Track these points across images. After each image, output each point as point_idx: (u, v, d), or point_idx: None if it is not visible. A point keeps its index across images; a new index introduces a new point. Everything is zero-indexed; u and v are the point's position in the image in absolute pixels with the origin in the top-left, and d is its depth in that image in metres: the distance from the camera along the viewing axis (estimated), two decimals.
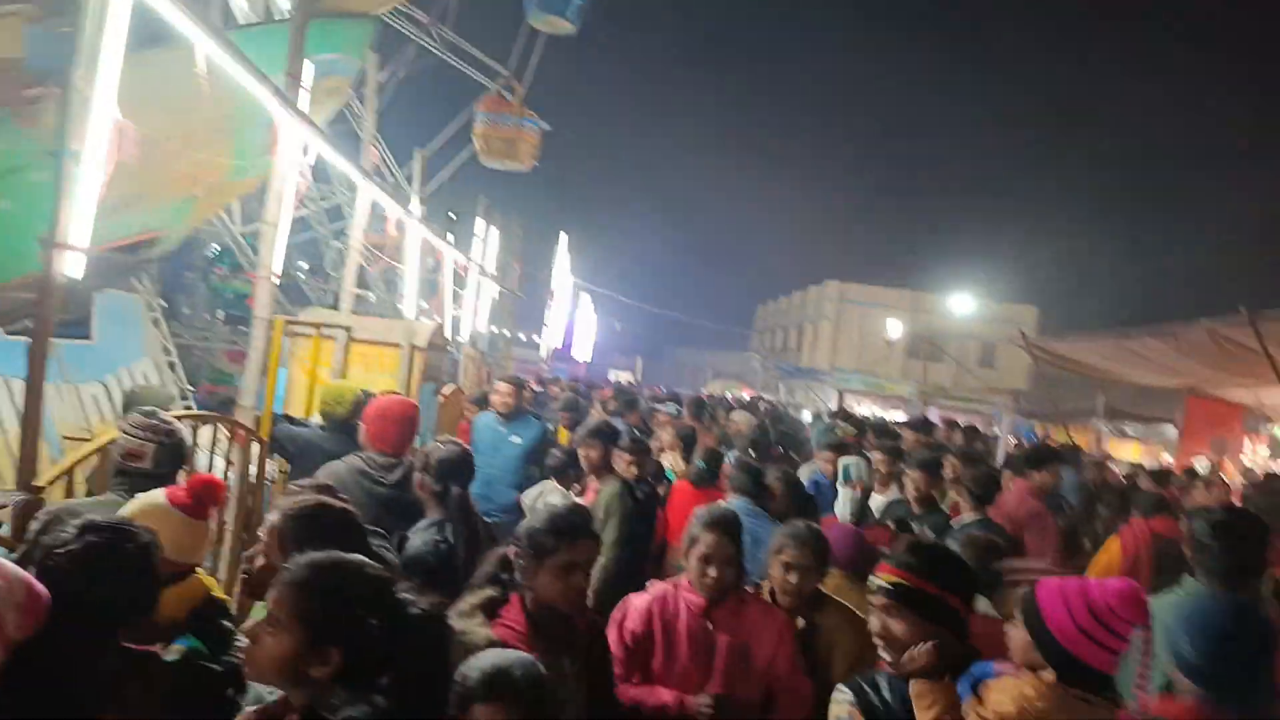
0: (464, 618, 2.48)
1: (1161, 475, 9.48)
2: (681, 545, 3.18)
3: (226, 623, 2.41)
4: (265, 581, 2.08)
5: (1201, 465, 12.04)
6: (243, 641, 1.82)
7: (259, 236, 4.76)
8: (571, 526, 2.58)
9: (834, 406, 18.17)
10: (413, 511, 3.66)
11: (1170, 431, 13.87)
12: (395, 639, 1.73)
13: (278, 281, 4.73)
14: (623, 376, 31.77)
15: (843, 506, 5.60)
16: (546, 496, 5.41)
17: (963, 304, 26.91)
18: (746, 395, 24.67)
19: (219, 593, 2.50)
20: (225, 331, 19.88)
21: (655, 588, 3.11)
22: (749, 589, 3.24)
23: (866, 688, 2.22)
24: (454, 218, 11.31)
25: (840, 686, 2.29)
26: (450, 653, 1.95)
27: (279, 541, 2.27)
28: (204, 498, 2.41)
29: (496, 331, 16.06)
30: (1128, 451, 16.12)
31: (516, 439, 5.98)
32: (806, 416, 15.94)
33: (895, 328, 29.15)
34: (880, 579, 2.23)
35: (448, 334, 9.70)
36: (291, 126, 4.71)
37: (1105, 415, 14.54)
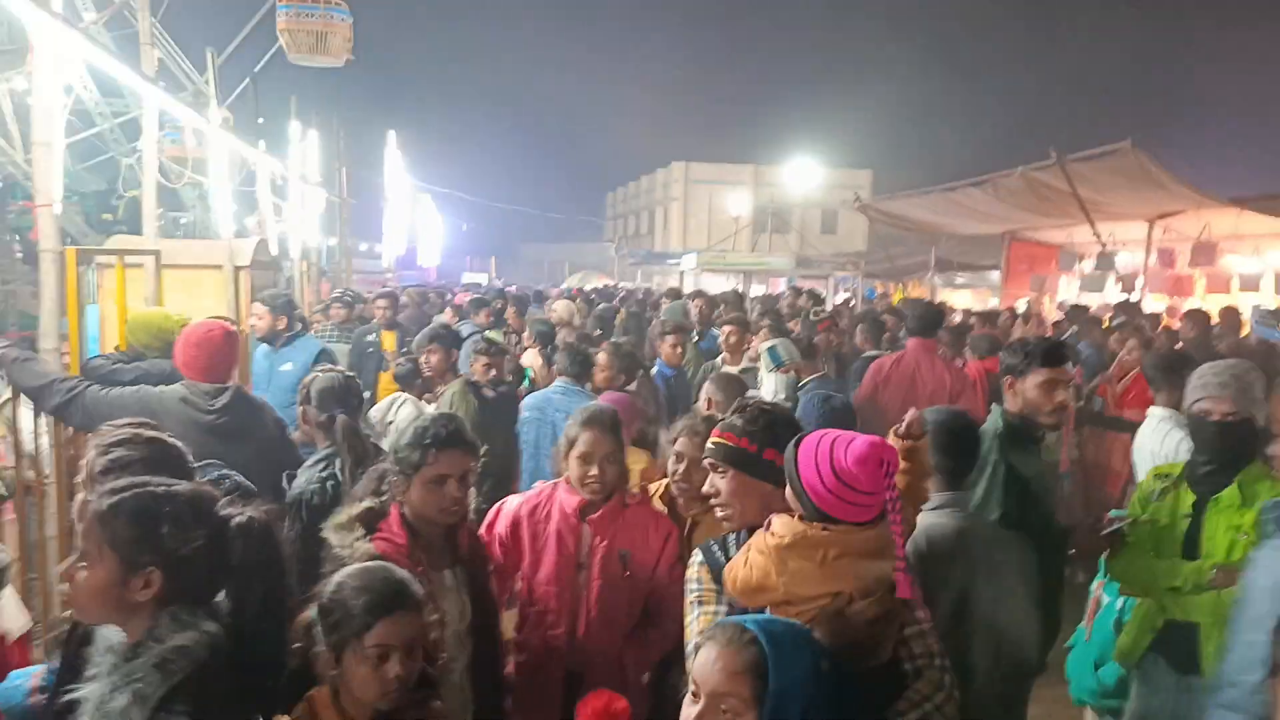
0: (341, 531, 2.43)
1: (989, 316, 10.20)
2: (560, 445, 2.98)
3: None
4: None
5: (1022, 305, 13.00)
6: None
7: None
8: (437, 438, 2.49)
9: (689, 287, 18.44)
10: (242, 438, 3.48)
11: (995, 276, 14.85)
12: (217, 552, 1.72)
13: (60, 210, 4.20)
14: (476, 278, 31.10)
15: (775, 394, 5.03)
16: (398, 408, 5.27)
17: (803, 173, 27.52)
18: (604, 284, 24.67)
19: None
20: (27, 271, 18.03)
21: (534, 488, 3.03)
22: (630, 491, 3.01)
23: (715, 548, 2.29)
24: (262, 122, 10.41)
25: (695, 550, 2.35)
26: (283, 559, 1.87)
27: (93, 479, 2.16)
28: None
29: (332, 244, 15.19)
30: (960, 299, 17.20)
31: (288, 365, 5.54)
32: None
33: (741, 203, 29.57)
34: (709, 443, 2.32)
35: (274, 250, 9.11)
36: (46, 30, 4.12)
37: (937, 268, 15.41)
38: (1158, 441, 3.99)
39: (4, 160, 13.03)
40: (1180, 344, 6.88)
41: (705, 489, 2.31)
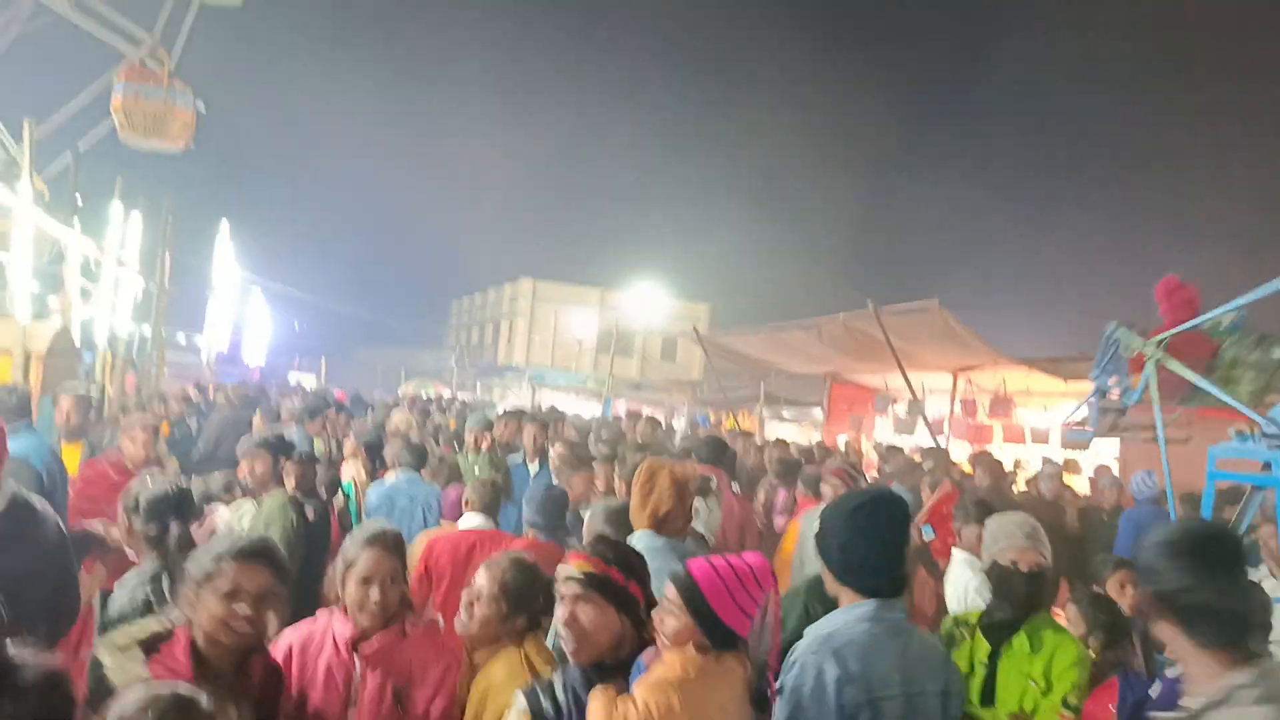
0: (118, 653, 2.19)
1: (810, 451, 10.69)
2: (336, 570, 2.71)
3: None
4: None
5: (842, 441, 13.74)
6: None
7: None
8: (238, 549, 2.31)
9: (533, 402, 18.37)
10: (21, 551, 3.07)
11: (818, 413, 15.68)
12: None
13: None
14: (304, 380, 29.69)
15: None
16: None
17: (646, 300, 28.52)
18: (444, 394, 24.13)
19: None
20: None
21: (315, 617, 2.74)
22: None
23: (540, 691, 2.21)
24: (80, 202, 9.66)
25: (516, 694, 2.26)
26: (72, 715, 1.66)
27: None
28: None
29: (145, 334, 14.11)
30: (785, 432, 17.98)
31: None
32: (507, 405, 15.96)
33: (586, 325, 30.15)
34: (571, 567, 2.29)
35: (76, 337, 8.38)
36: None
37: (766, 401, 16.13)
38: (961, 587, 4.21)
39: None
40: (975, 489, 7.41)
41: (559, 617, 2.26)
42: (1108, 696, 3.10)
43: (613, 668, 2.23)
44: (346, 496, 5.95)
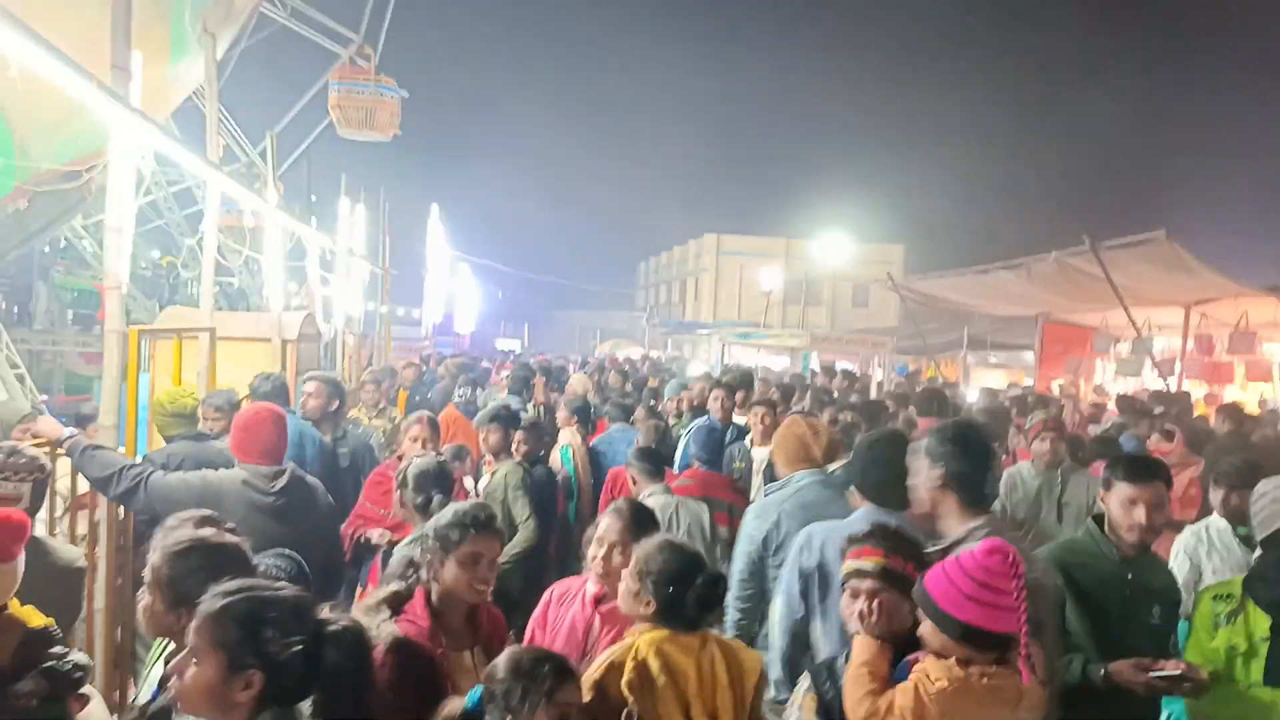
0: (369, 613, 2.51)
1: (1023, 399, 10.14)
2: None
3: (59, 648, 2.33)
4: (159, 621, 2.23)
5: (1056, 387, 12.90)
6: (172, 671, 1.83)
7: (103, 227, 4.40)
8: (476, 520, 2.64)
9: (722, 359, 18.53)
10: (298, 519, 3.58)
11: (1029, 356, 14.78)
12: (315, 657, 1.80)
13: (124, 291, 4.40)
14: (510, 345, 31.45)
15: None
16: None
17: (834, 248, 27.74)
18: (635, 353, 24.85)
19: (39, 619, 2.39)
20: (74, 332, 18.46)
21: (581, 575, 3.09)
22: None
23: (824, 676, 2.33)
24: (315, 199, 10.81)
25: (803, 675, 2.43)
26: (371, 666, 2.01)
27: (159, 582, 2.24)
28: (5, 539, 2.32)
29: (373, 310, 15.59)
30: (993, 378, 17.10)
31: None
32: (697, 369, 16.19)
33: (772, 276, 29.82)
34: (865, 562, 2.34)
35: (320, 321, 9.36)
36: (123, 122, 4.37)
37: (970, 346, 15.39)
38: (1205, 555, 3.82)
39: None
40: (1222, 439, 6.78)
41: (857, 609, 2.31)
42: None
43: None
44: (563, 461, 6.34)
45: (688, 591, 2.42)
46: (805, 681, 2.35)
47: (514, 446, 5.30)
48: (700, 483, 4.77)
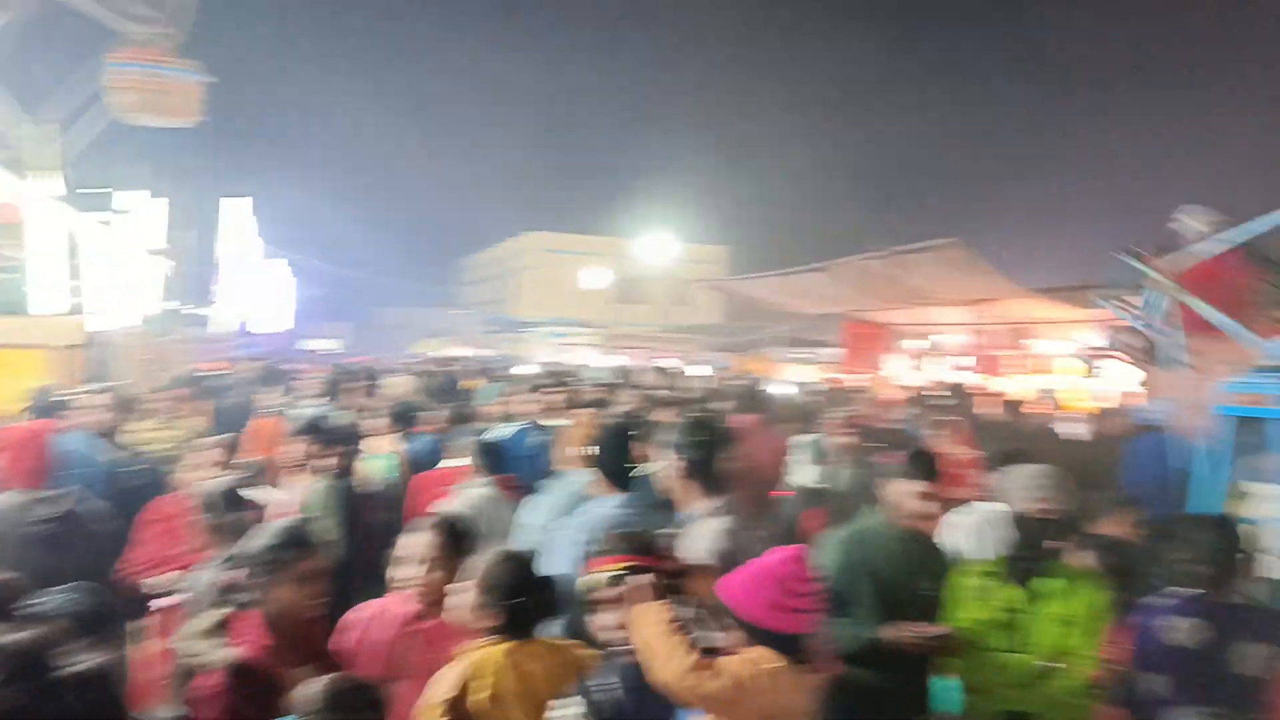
0: (200, 639, 2.51)
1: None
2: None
3: None
4: None
5: (855, 381, 13.78)
6: None
7: None
8: (298, 538, 2.67)
9: (544, 358, 18.54)
10: (84, 550, 3.29)
11: (834, 354, 15.71)
12: (47, 704, 1.68)
13: None
14: (325, 345, 29.99)
15: None
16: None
17: (659, 247, 28.43)
18: (466, 351, 24.36)
19: None
20: None
21: (391, 595, 2.98)
22: None
23: (596, 690, 2.35)
24: (107, 191, 9.81)
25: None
26: (120, 703, 1.90)
27: None
28: None
29: (173, 310, 14.38)
30: (807, 374, 18.07)
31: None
32: (521, 369, 16.07)
33: (598, 275, 30.12)
34: (602, 575, 2.39)
35: (112, 321, 8.58)
36: None
37: (784, 344, 16.20)
38: (974, 535, 4.24)
39: None
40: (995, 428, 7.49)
41: (611, 621, 2.36)
42: (1127, 637, 3.21)
43: None
44: (384, 469, 6.07)
45: (530, 600, 2.48)
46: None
47: (322, 458, 4.99)
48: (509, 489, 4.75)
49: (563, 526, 3.21)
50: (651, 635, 2.21)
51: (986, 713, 3.19)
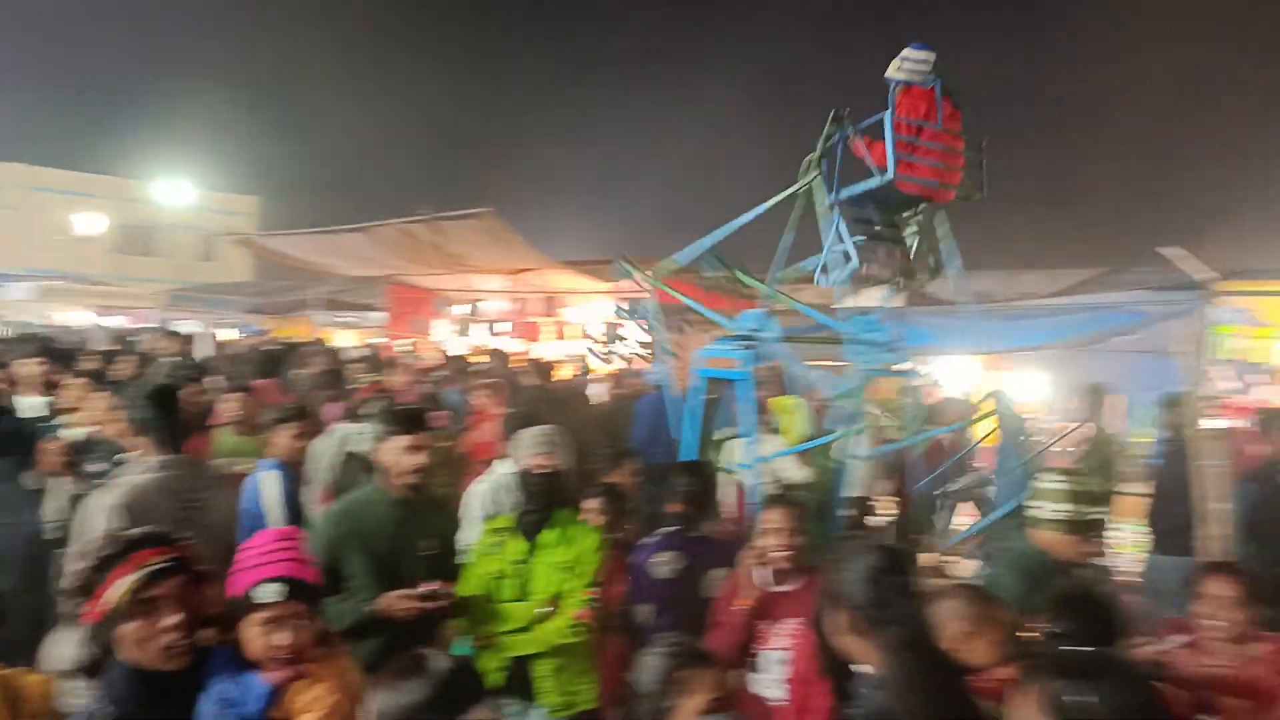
0: None
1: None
2: None
3: None
4: None
5: (404, 345, 13.68)
6: None
7: None
8: None
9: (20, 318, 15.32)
10: None
11: (380, 317, 15.35)
12: None
13: None
14: None
15: None
16: None
17: (177, 193, 24.94)
18: None
19: None
20: None
21: None
22: None
23: None
24: None
25: None
26: None
27: None
28: None
29: None
30: (347, 338, 17.38)
31: None
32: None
33: (95, 221, 25.56)
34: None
35: None
36: None
37: (325, 306, 15.36)
38: (497, 494, 4.42)
39: None
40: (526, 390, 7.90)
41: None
42: (621, 569, 3.60)
43: None
44: None
45: None
46: None
47: None
48: None
49: None
50: None
51: (496, 664, 3.33)
